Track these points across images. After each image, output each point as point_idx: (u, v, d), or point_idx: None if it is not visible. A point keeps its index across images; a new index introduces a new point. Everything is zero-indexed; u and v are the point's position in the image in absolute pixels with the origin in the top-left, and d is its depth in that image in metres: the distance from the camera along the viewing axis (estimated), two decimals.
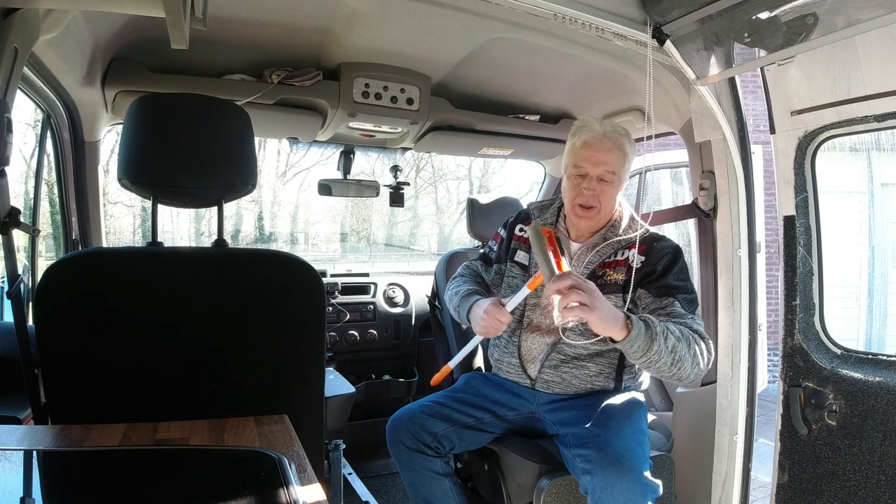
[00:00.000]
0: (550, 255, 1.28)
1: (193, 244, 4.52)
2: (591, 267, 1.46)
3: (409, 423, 1.49)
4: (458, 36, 1.68)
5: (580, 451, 1.31)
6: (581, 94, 2.15)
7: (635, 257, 1.42)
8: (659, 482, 1.28)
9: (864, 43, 1.23)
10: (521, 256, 1.58)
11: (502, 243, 1.65)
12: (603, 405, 1.41)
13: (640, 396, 1.52)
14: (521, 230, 1.61)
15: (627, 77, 1.74)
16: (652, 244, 1.45)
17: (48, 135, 1.73)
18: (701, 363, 1.32)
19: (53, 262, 1.02)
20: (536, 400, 1.52)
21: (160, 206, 1.14)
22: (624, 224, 1.50)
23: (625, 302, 1.41)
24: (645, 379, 1.56)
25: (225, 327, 1.10)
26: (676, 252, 1.44)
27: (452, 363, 1.56)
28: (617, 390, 1.49)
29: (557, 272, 1.23)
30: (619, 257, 1.46)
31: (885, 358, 1.32)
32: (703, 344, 1.33)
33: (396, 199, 2.46)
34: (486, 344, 2.00)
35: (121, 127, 1.41)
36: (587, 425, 1.36)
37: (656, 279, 1.41)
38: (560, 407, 1.48)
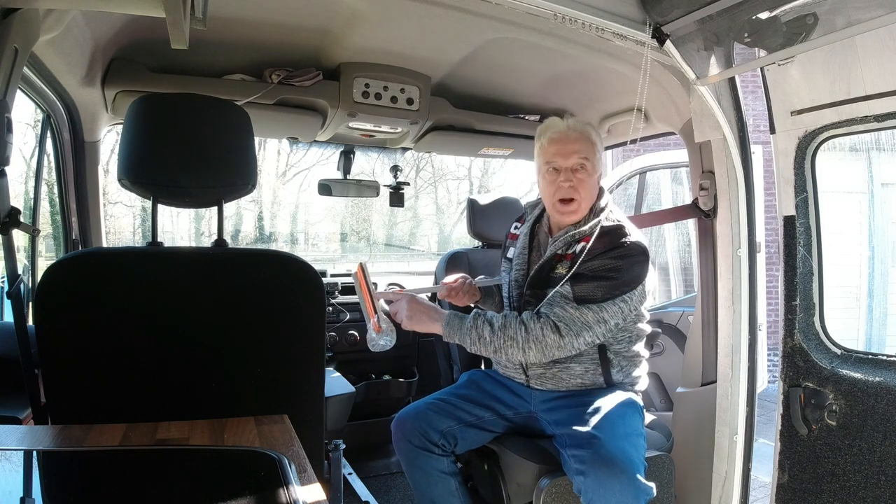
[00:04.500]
0: (363, 295, 1.50)
1: (193, 244, 4.52)
2: (540, 261, 1.49)
3: (417, 420, 1.49)
4: (458, 36, 1.68)
5: (575, 451, 1.32)
6: (581, 94, 2.15)
7: (582, 249, 1.40)
8: (652, 485, 1.28)
9: (864, 43, 1.23)
10: (510, 252, 1.65)
11: (504, 242, 1.73)
12: (599, 406, 1.41)
13: (637, 398, 1.52)
14: (515, 227, 1.69)
15: (627, 77, 1.73)
16: (602, 236, 1.40)
17: (48, 135, 1.73)
18: (533, 349, 1.36)
19: (53, 262, 1.02)
20: (533, 399, 1.53)
21: (160, 206, 1.14)
22: (592, 219, 1.46)
23: None
24: (643, 380, 1.56)
25: (225, 327, 1.09)
26: (615, 246, 1.39)
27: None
28: (609, 385, 1.49)
29: (369, 315, 1.48)
30: (568, 251, 1.45)
31: (885, 358, 1.33)
32: (542, 332, 1.35)
33: (396, 199, 2.46)
34: None
35: (121, 127, 1.41)
36: (582, 427, 1.36)
37: (576, 264, 1.38)
38: (556, 406, 1.48)
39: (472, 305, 1.72)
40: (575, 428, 1.36)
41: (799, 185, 1.46)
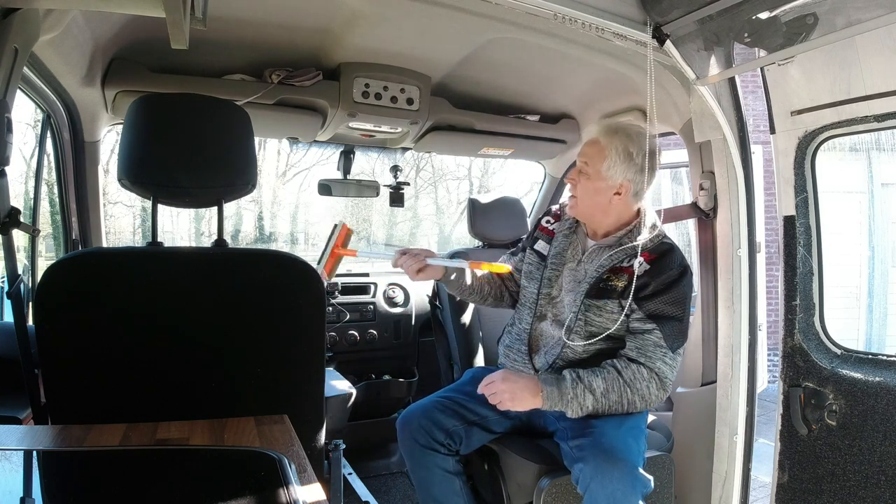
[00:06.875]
0: (329, 250, 1.59)
1: (193, 244, 4.52)
2: (600, 271, 1.45)
3: (422, 418, 1.49)
4: (458, 36, 1.68)
5: (576, 441, 1.33)
6: (581, 94, 2.15)
7: (641, 264, 1.41)
8: (651, 478, 1.28)
9: (864, 43, 1.23)
10: (540, 245, 1.61)
11: (532, 232, 1.69)
12: None
13: None
14: (547, 221, 1.65)
15: (628, 77, 1.74)
16: (662, 255, 1.43)
17: (48, 135, 1.73)
18: (638, 405, 1.37)
19: (53, 262, 1.02)
20: None
21: (160, 206, 1.14)
22: (644, 231, 1.47)
23: (622, 308, 1.40)
24: None
25: (225, 327, 1.09)
26: (682, 271, 1.41)
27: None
28: None
29: (324, 271, 1.56)
30: (625, 264, 1.44)
31: (885, 358, 1.33)
32: (648, 389, 1.36)
33: (396, 199, 2.46)
34: (492, 339, 2.01)
35: (121, 127, 1.41)
36: (584, 419, 1.37)
37: (650, 296, 1.39)
38: None
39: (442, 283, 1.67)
40: (578, 420, 1.38)
41: (799, 185, 1.46)
